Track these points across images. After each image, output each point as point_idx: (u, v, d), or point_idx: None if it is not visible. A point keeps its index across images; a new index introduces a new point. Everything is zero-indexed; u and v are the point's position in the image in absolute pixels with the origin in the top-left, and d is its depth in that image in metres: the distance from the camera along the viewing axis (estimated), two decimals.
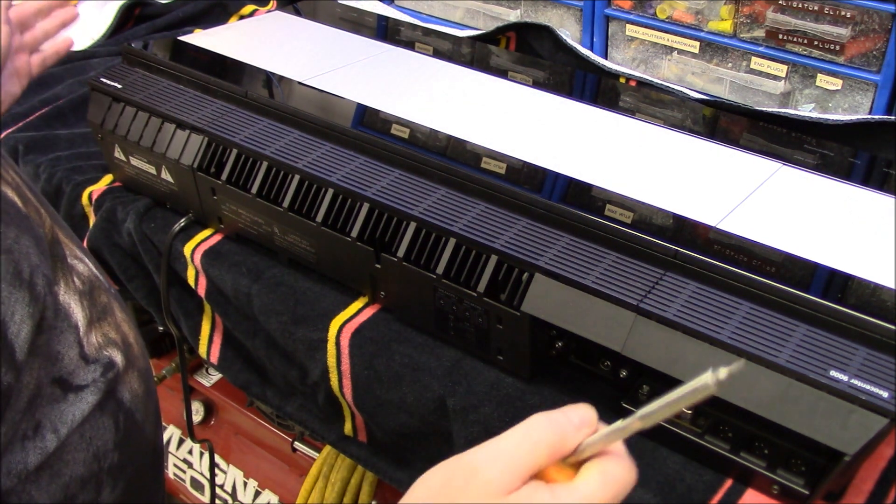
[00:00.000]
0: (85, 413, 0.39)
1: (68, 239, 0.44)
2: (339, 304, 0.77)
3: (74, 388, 0.39)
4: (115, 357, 0.42)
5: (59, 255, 0.41)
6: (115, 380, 0.42)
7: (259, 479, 1.22)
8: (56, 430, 0.38)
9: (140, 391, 0.45)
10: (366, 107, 0.83)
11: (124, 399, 0.43)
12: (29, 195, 0.40)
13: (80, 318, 0.40)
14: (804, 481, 0.56)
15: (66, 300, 0.40)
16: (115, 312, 0.45)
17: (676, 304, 0.58)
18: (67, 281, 0.40)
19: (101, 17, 1.31)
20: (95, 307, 0.42)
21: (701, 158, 0.74)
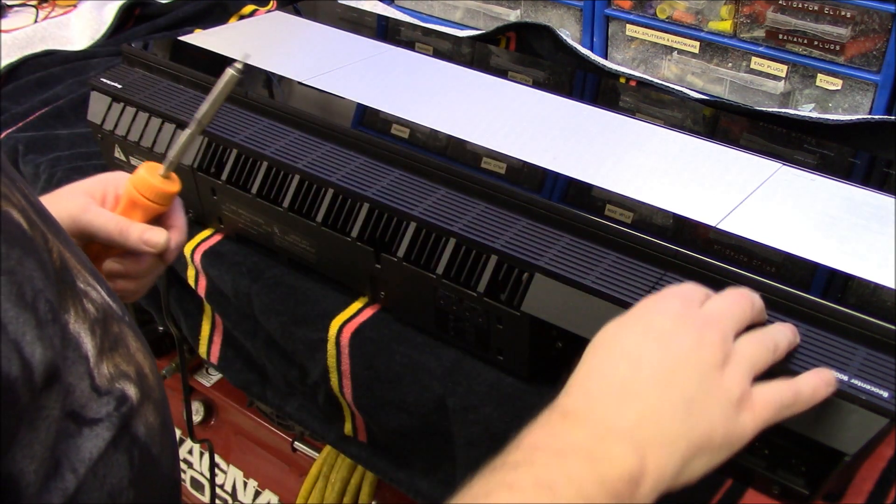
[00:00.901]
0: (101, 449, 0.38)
1: (80, 265, 0.42)
2: (339, 304, 0.77)
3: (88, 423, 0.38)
4: (129, 390, 0.41)
5: (69, 281, 0.39)
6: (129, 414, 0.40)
7: (259, 479, 1.22)
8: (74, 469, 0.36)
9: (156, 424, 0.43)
10: (366, 107, 0.83)
11: (139, 434, 0.41)
12: (36, 220, 0.38)
13: (90, 349, 0.39)
14: (804, 481, 0.56)
15: (75, 329, 0.38)
16: (129, 342, 0.43)
17: None
18: (77, 309, 0.39)
19: (101, 17, 1.31)
20: (108, 337, 0.41)
21: (701, 158, 0.74)
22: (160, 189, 0.64)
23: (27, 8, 1.37)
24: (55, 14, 1.34)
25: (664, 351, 0.45)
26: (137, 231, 0.63)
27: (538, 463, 0.40)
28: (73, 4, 1.36)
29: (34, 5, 1.37)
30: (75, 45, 1.27)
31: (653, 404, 0.43)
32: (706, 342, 0.46)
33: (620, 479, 0.40)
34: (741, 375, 0.46)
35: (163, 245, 0.64)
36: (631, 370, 0.45)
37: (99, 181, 0.67)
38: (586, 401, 0.44)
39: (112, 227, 0.63)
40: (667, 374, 0.44)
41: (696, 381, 0.44)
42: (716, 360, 0.46)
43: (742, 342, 0.49)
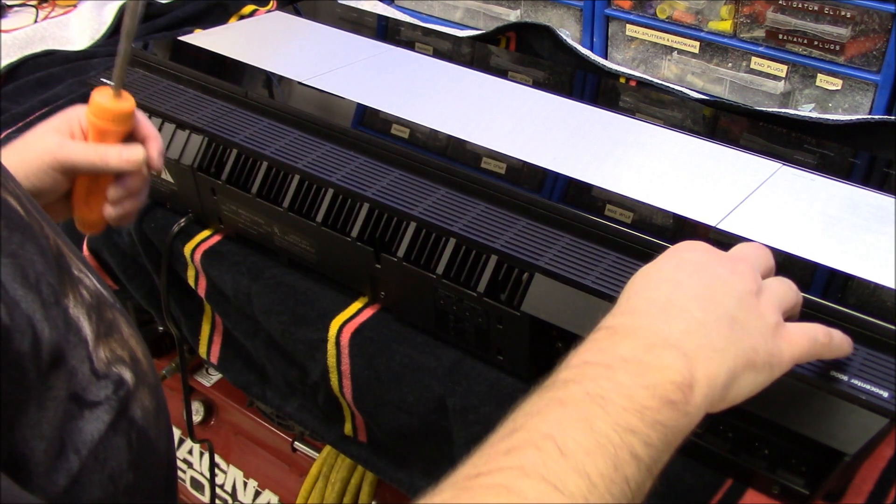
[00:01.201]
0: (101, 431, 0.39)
1: (72, 253, 0.43)
2: (339, 304, 0.77)
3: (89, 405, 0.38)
4: (125, 374, 0.42)
5: (65, 267, 0.40)
6: (126, 397, 0.41)
7: (259, 479, 1.22)
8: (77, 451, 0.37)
9: (151, 407, 0.44)
10: (366, 107, 0.83)
11: (136, 417, 0.42)
12: (31, 208, 0.39)
13: (88, 333, 0.40)
14: (804, 481, 0.56)
15: (75, 314, 0.39)
16: (122, 328, 0.44)
17: None
18: (76, 294, 0.40)
19: (101, 17, 1.31)
20: (103, 322, 0.42)
21: (701, 158, 0.74)
22: (116, 111, 0.67)
23: (27, 8, 1.37)
24: (55, 14, 1.34)
25: (701, 277, 0.46)
26: (115, 153, 0.67)
27: (588, 376, 0.40)
28: (73, 4, 1.36)
29: (34, 5, 1.37)
30: (75, 45, 1.27)
31: (698, 318, 0.43)
32: (738, 271, 0.47)
33: (672, 384, 0.40)
34: (774, 306, 0.47)
35: (142, 160, 0.67)
36: (672, 290, 0.45)
37: (62, 118, 0.70)
38: (632, 317, 0.44)
39: (92, 156, 0.66)
40: (707, 293, 0.45)
41: (735, 301, 0.45)
42: (749, 288, 0.47)
43: (769, 281, 0.50)
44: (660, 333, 0.42)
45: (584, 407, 0.38)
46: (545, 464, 0.36)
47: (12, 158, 0.66)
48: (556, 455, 0.36)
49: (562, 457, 0.36)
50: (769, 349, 0.45)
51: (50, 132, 0.68)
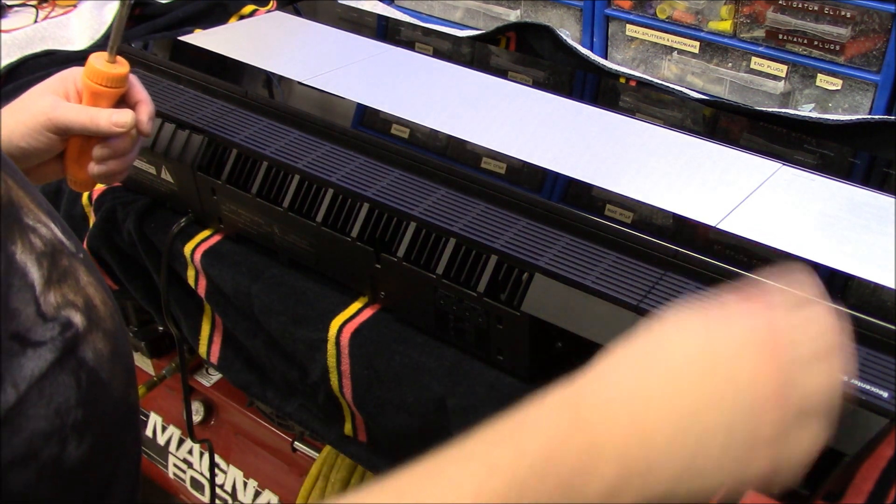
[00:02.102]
0: (43, 369, 0.41)
1: (34, 204, 0.45)
2: (339, 304, 0.77)
3: (32, 344, 0.41)
4: (74, 318, 0.44)
5: (16, 216, 0.43)
6: (74, 339, 0.43)
7: (259, 479, 1.22)
8: (16, 385, 0.40)
9: (105, 351, 0.46)
10: (366, 107, 0.83)
11: (87, 358, 0.45)
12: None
13: (36, 278, 0.42)
14: (804, 481, 0.56)
15: (22, 259, 0.41)
16: (80, 276, 0.46)
17: (676, 304, 0.58)
18: (24, 241, 0.42)
19: (101, 17, 1.31)
20: (56, 269, 0.44)
21: (701, 158, 0.74)
22: (111, 74, 0.70)
23: (27, 8, 1.37)
24: (55, 14, 1.34)
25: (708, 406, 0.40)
26: (105, 116, 0.69)
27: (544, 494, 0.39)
28: (73, 4, 1.36)
29: (34, 5, 1.37)
30: (75, 45, 1.27)
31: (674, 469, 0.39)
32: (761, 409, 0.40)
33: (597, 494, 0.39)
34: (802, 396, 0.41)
35: (131, 123, 0.70)
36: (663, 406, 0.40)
37: (59, 79, 0.72)
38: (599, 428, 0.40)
39: (83, 117, 0.69)
40: (695, 434, 0.39)
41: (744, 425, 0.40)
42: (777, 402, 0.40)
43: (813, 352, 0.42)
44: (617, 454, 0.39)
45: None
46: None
47: (9, 119, 0.69)
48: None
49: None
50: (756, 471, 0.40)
51: (46, 93, 0.71)
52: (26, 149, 0.70)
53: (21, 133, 0.69)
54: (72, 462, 0.43)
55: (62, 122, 0.69)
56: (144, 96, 0.74)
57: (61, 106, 0.69)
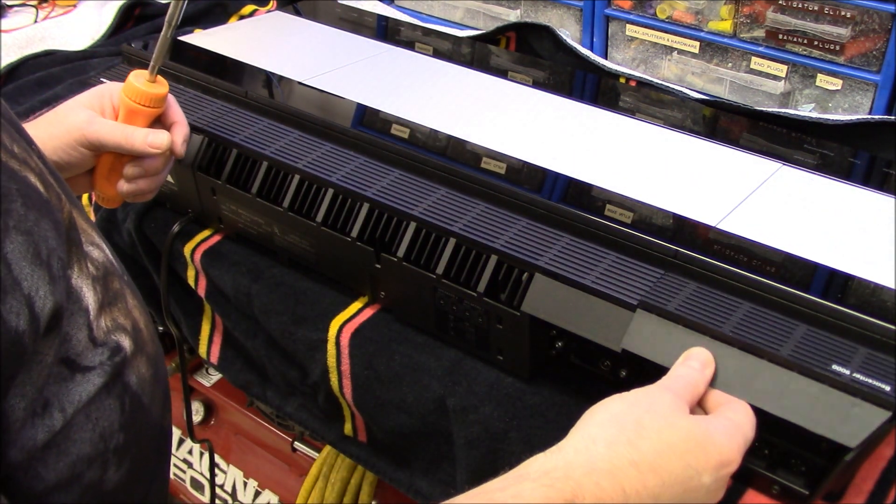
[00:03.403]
0: (91, 394, 0.41)
1: (87, 225, 0.45)
2: (339, 304, 0.77)
3: (82, 369, 0.41)
4: (124, 342, 0.44)
5: (76, 240, 0.42)
6: (122, 363, 0.43)
7: (259, 479, 1.22)
8: (63, 409, 0.39)
9: (147, 375, 0.46)
10: (366, 107, 0.83)
11: (131, 382, 0.44)
12: (51, 181, 0.41)
13: (91, 302, 0.42)
14: (804, 481, 0.56)
15: (78, 284, 0.41)
16: (127, 299, 0.46)
17: (676, 304, 0.58)
18: (81, 266, 0.42)
19: (101, 17, 1.31)
20: (108, 292, 0.44)
21: (701, 158, 0.74)
22: (150, 94, 0.70)
23: (27, 8, 1.37)
24: (55, 14, 1.34)
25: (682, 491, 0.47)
26: (141, 136, 0.69)
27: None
28: (73, 4, 1.36)
29: (34, 5, 1.37)
30: (75, 45, 1.27)
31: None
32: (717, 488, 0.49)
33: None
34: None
35: (166, 145, 0.70)
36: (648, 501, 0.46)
37: (95, 94, 0.72)
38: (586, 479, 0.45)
39: (118, 135, 0.69)
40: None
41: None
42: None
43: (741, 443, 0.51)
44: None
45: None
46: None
47: (42, 132, 0.68)
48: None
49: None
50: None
51: (81, 107, 0.70)
52: (58, 162, 0.69)
53: (54, 147, 0.68)
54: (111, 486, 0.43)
55: (97, 138, 0.68)
56: (181, 118, 0.73)
57: (97, 122, 0.69)
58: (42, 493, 0.39)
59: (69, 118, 0.69)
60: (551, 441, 0.62)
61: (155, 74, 0.70)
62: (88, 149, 0.69)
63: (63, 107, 0.71)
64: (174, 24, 0.68)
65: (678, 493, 0.46)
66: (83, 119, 0.69)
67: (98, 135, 0.68)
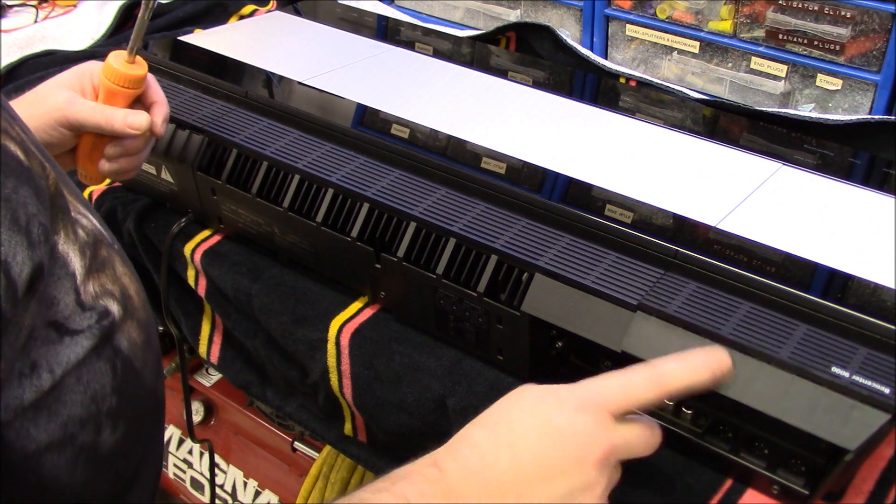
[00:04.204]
0: (80, 356, 0.42)
1: (73, 196, 0.46)
2: (339, 304, 0.77)
3: (70, 332, 0.42)
4: (112, 307, 0.45)
5: (62, 207, 0.43)
6: (110, 328, 0.45)
7: (259, 479, 1.22)
8: (52, 371, 0.41)
9: (139, 341, 0.47)
10: (366, 107, 0.83)
11: (122, 347, 0.46)
12: (33, 150, 0.42)
13: (77, 268, 0.43)
14: (804, 481, 0.56)
15: (64, 249, 0.42)
16: (116, 266, 0.47)
17: (676, 304, 0.58)
18: (68, 232, 0.43)
19: (101, 17, 1.31)
20: (96, 259, 0.45)
21: (701, 158, 0.74)
22: (128, 75, 0.70)
23: (27, 8, 1.37)
24: (55, 14, 1.34)
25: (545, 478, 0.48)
26: (121, 117, 0.69)
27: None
28: (73, 4, 1.36)
29: (34, 5, 1.37)
30: (75, 45, 1.27)
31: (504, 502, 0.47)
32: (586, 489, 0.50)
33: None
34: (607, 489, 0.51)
35: (145, 126, 0.70)
36: (507, 469, 0.48)
37: (75, 74, 0.72)
38: (461, 476, 0.48)
39: (98, 116, 0.69)
40: (529, 487, 0.48)
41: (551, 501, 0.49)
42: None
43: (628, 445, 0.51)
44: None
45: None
46: None
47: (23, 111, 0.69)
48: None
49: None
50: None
51: (61, 87, 0.71)
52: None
53: (35, 127, 0.68)
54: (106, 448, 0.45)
55: (77, 119, 0.69)
56: (160, 98, 0.74)
57: (77, 103, 0.69)
58: (35, 453, 0.40)
59: (50, 98, 0.70)
60: None
61: (133, 55, 0.70)
62: (69, 129, 0.69)
63: (43, 87, 0.71)
64: (151, 5, 0.68)
65: (531, 438, 0.49)
66: (63, 100, 0.69)
67: (78, 116, 0.69)
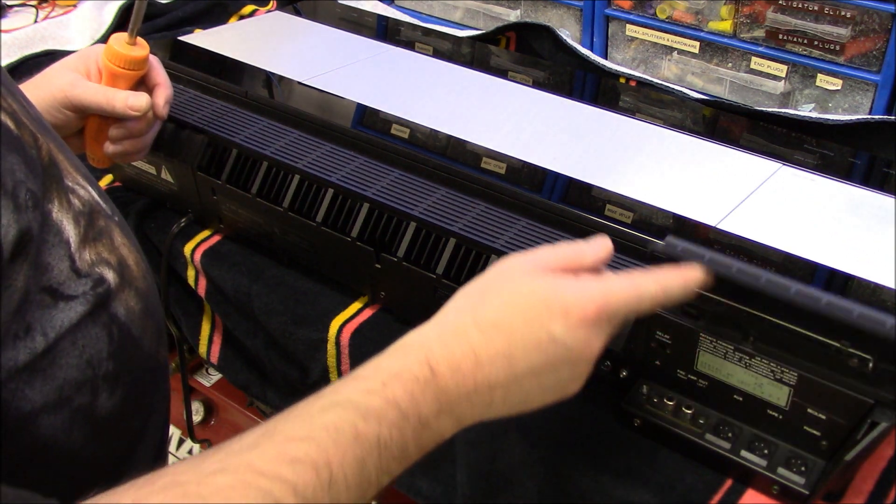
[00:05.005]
0: (74, 320, 0.43)
1: (72, 168, 0.47)
2: (339, 304, 0.77)
3: (65, 297, 0.43)
4: (107, 275, 0.46)
5: (56, 176, 0.44)
6: (106, 295, 0.46)
7: None
8: (45, 334, 0.42)
9: (137, 309, 0.49)
10: (366, 107, 0.83)
11: (118, 314, 0.47)
12: (25, 121, 0.43)
13: (72, 235, 0.44)
14: (804, 481, 0.56)
15: (58, 217, 0.44)
16: (114, 236, 0.49)
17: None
18: (62, 201, 0.44)
19: (101, 17, 1.31)
20: (92, 228, 0.46)
21: (701, 158, 0.74)
22: (129, 56, 0.70)
23: (27, 8, 1.37)
24: (55, 14, 1.34)
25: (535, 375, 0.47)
26: (122, 98, 0.70)
27: (386, 421, 0.43)
28: (73, 4, 1.36)
29: (34, 5, 1.37)
30: (75, 45, 1.26)
31: (492, 399, 0.47)
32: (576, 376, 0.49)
33: (435, 442, 0.46)
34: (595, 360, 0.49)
35: (146, 108, 0.71)
36: (499, 371, 0.47)
37: (80, 57, 0.73)
38: (452, 376, 0.46)
39: (100, 97, 0.70)
40: (519, 385, 0.47)
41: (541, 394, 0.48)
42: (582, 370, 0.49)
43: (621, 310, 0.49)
44: (455, 404, 0.46)
45: (368, 449, 0.42)
46: (314, 491, 0.39)
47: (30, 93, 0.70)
48: (325, 484, 0.40)
49: (328, 488, 0.40)
50: (537, 406, 0.49)
51: (67, 70, 0.72)
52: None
53: (40, 108, 0.69)
54: (104, 412, 0.46)
55: (79, 101, 0.70)
56: (163, 79, 0.74)
57: (80, 85, 0.70)
58: (31, 414, 0.41)
59: (54, 80, 0.71)
60: (552, 441, 0.62)
61: (134, 37, 0.70)
62: (72, 111, 0.70)
63: (49, 69, 0.72)
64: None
65: (531, 350, 0.46)
66: (67, 81, 0.70)
67: (81, 97, 0.70)
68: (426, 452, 0.45)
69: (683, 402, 0.60)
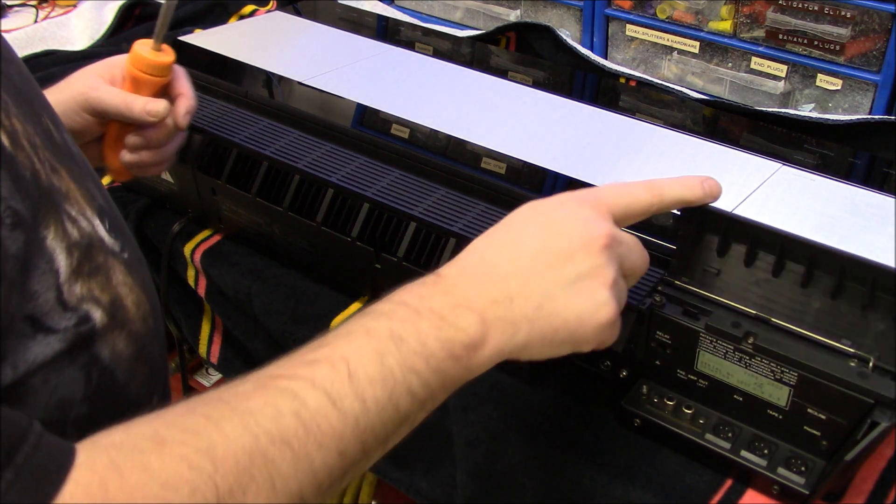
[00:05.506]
0: (48, 357, 0.41)
1: (84, 199, 0.46)
2: (339, 304, 0.77)
3: (45, 330, 0.41)
4: (94, 313, 0.44)
5: (54, 202, 0.43)
6: (89, 334, 0.44)
7: None
8: (15, 366, 0.40)
9: (126, 352, 0.47)
10: (366, 107, 0.83)
11: (102, 356, 0.45)
12: (24, 143, 0.42)
13: (62, 266, 0.43)
14: (804, 481, 0.56)
15: (51, 245, 0.42)
16: (113, 275, 0.47)
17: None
18: (58, 228, 0.43)
19: (101, 17, 1.31)
20: (88, 262, 0.45)
21: (701, 158, 0.74)
22: (153, 62, 0.70)
23: (27, 8, 1.37)
24: (55, 14, 1.34)
25: (544, 251, 0.47)
26: (140, 103, 0.69)
27: (398, 316, 0.45)
28: (73, 4, 1.36)
29: (34, 5, 1.37)
30: (75, 45, 1.27)
31: (511, 291, 0.46)
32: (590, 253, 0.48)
33: (462, 344, 0.45)
34: (609, 283, 0.48)
35: (163, 113, 0.70)
36: (504, 257, 0.47)
37: (107, 64, 0.73)
38: (459, 274, 0.47)
39: (119, 101, 0.69)
40: (536, 268, 0.47)
41: (564, 282, 0.47)
42: (590, 271, 0.48)
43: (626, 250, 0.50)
44: (469, 297, 0.46)
45: (383, 342, 0.43)
46: (333, 383, 0.41)
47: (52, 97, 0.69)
48: (344, 377, 0.41)
49: (349, 380, 0.41)
50: (576, 333, 0.48)
51: (91, 74, 0.72)
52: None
53: (60, 112, 0.68)
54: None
55: (98, 103, 0.69)
56: (187, 90, 0.73)
57: (101, 88, 0.70)
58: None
59: (76, 83, 0.70)
60: (552, 441, 0.62)
61: (160, 43, 0.70)
62: (91, 114, 0.70)
63: (75, 74, 0.72)
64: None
65: (533, 235, 0.48)
66: (89, 84, 0.70)
67: (100, 100, 0.69)
68: (456, 353, 0.45)
69: (683, 402, 0.60)
